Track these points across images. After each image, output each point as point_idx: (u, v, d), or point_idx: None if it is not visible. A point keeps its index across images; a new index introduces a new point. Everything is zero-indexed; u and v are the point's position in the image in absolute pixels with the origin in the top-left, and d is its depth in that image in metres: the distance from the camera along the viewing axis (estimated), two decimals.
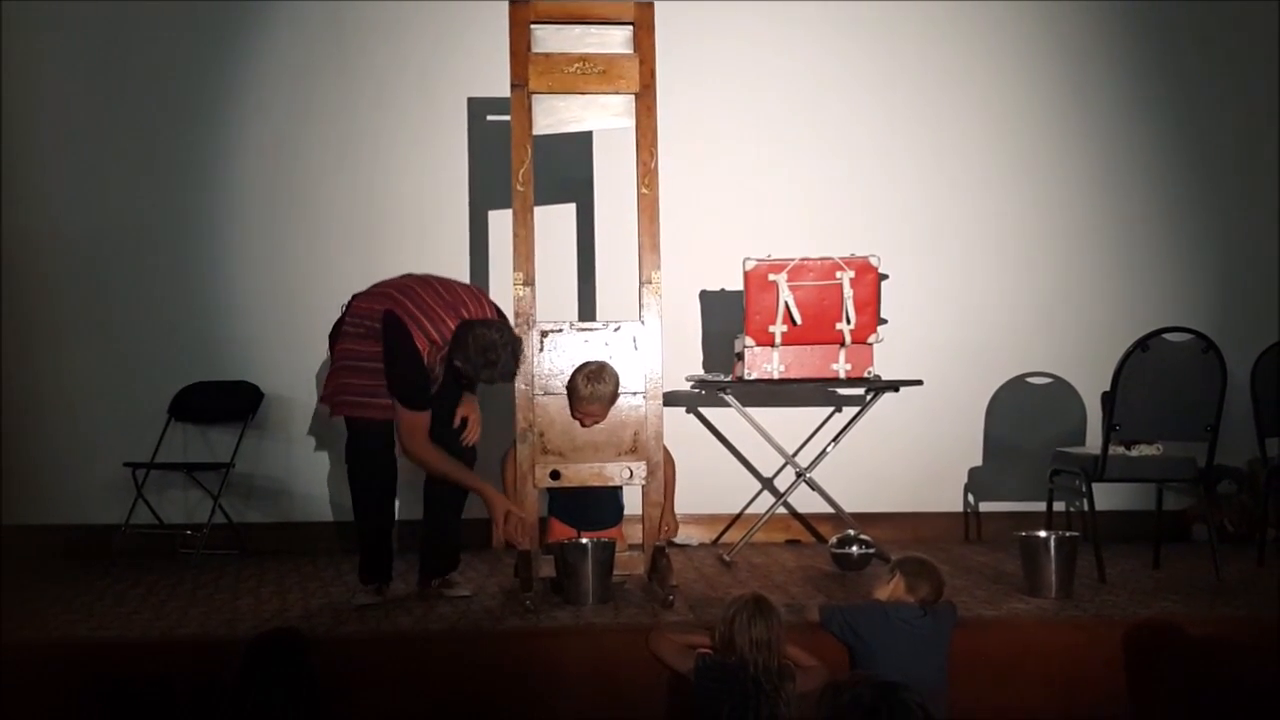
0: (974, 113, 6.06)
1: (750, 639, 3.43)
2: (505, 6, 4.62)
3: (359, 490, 4.45)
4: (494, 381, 4.36)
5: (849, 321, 5.22)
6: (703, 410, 5.87)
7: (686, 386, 5.61)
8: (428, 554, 4.59)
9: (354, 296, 4.47)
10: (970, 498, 6.03)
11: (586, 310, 5.79)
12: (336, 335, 4.49)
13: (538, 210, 4.60)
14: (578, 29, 4.65)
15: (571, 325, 4.63)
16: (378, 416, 4.36)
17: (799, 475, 5.43)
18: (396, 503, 4.55)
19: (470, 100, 5.84)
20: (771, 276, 5.20)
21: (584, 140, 5.76)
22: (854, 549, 4.95)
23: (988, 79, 6.07)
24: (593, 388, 4.43)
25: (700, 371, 5.79)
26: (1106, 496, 5.11)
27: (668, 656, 3.66)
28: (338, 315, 4.52)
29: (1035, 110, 6.08)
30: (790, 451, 5.56)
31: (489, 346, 4.26)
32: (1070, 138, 6.09)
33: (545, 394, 4.54)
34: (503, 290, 4.73)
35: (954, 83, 6.05)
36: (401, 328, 4.29)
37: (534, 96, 4.60)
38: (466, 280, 4.98)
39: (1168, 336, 4.70)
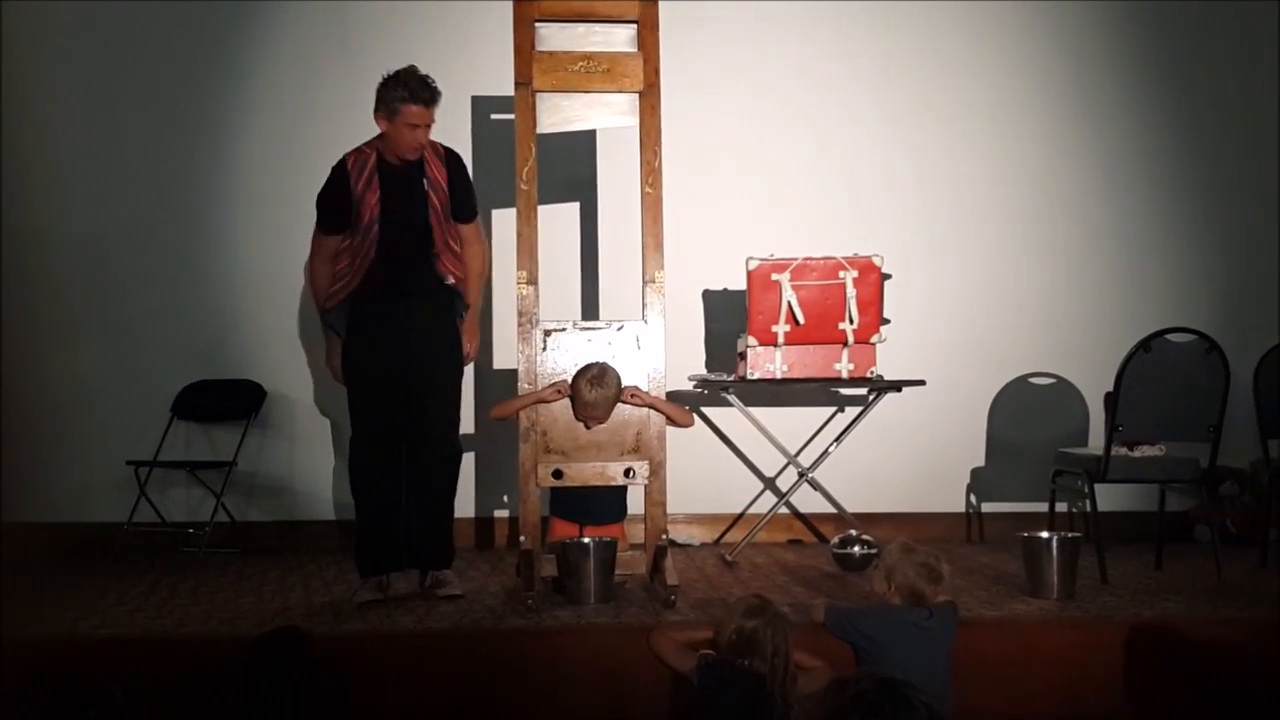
0: (977, 113, 6.06)
1: (772, 649, 3.43)
2: (510, 4, 4.63)
3: (353, 471, 4.43)
4: (408, 102, 4.25)
5: (852, 321, 5.22)
6: (705, 410, 5.86)
7: (689, 386, 5.61)
8: (414, 547, 4.52)
9: None
10: (972, 498, 6.03)
11: (590, 309, 5.79)
12: None
13: (541, 209, 4.61)
14: (582, 27, 4.65)
15: (575, 324, 4.63)
16: (349, 284, 4.39)
17: (801, 475, 5.43)
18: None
19: (474, 98, 5.84)
20: (774, 276, 5.20)
21: (588, 139, 5.76)
22: (856, 549, 4.95)
23: (990, 79, 6.07)
24: (596, 391, 4.43)
25: (703, 371, 5.79)
26: (1109, 497, 5.11)
27: (669, 656, 3.66)
28: None
29: (1038, 110, 6.08)
30: (792, 451, 5.56)
31: (393, 74, 4.31)
32: (1073, 138, 6.09)
33: None
34: (506, 288, 4.73)
35: (957, 82, 6.05)
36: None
37: (538, 95, 4.60)
38: None
39: (1171, 337, 4.70)
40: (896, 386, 5.33)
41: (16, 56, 5.73)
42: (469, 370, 4.76)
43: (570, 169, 5.75)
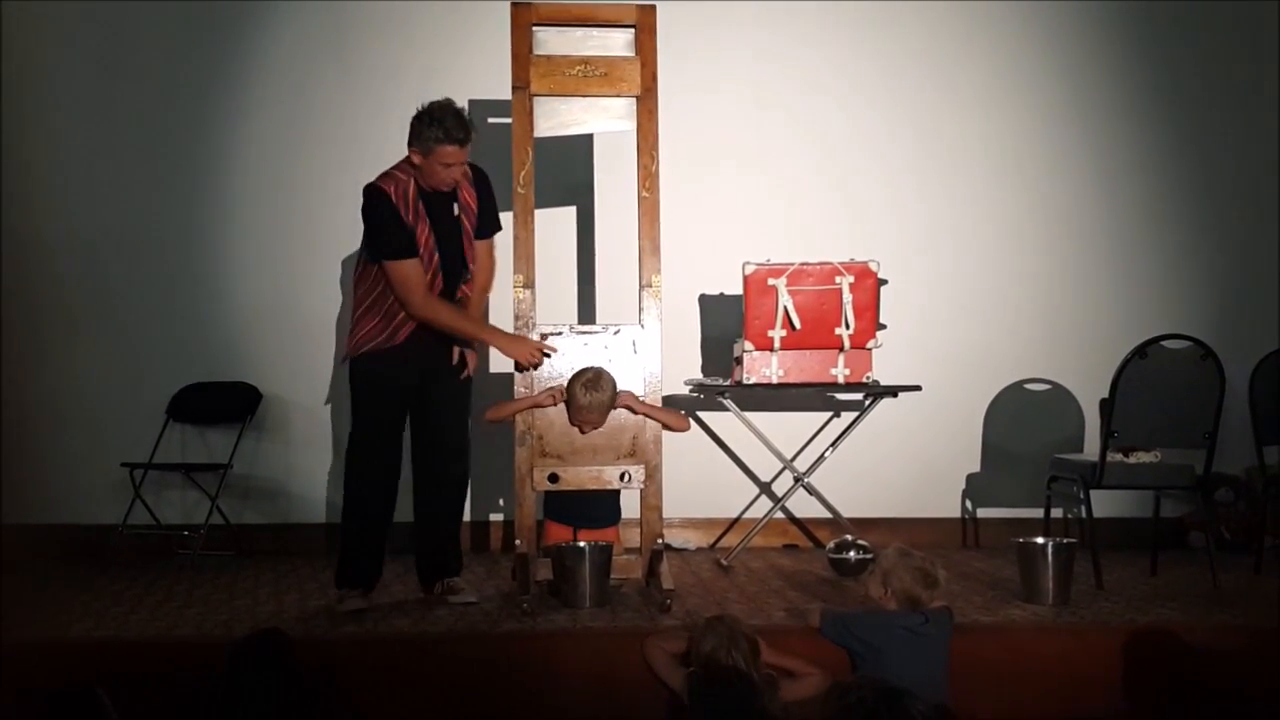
0: (973, 118, 6.06)
1: (731, 664, 3.46)
2: (507, 8, 4.63)
3: (353, 479, 4.39)
4: (444, 142, 4.21)
5: (848, 326, 5.22)
6: (701, 414, 5.86)
7: (685, 390, 5.61)
8: (425, 555, 4.53)
9: None
10: (968, 504, 6.03)
11: (586, 313, 5.78)
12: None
13: (538, 213, 4.60)
14: (579, 31, 4.65)
15: (571, 328, 4.63)
16: (381, 344, 4.31)
17: (797, 480, 5.43)
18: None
19: (471, 102, 5.82)
20: (771, 281, 5.20)
21: (585, 143, 5.75)
22: (851, 554, 4.95)
23: (986, 85, 6.07)
24: (591, 396, 4.42)
25: (699, 375, 5.79)
26: (1104, 503, 5.11)
27: (660, 670, 3.66)
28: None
29: (1034, 116, 6.08)
30: (788, 456, 5.56)
31: (428, 109, 4.25)
32: (1068, 144, 6.09)
33: None
34: (503, 292, 4.73)
35: (953, 89, 6.05)
36: (372, 186, 4.31)
37: (535, 99, 4.60)
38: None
39: (1166, 344, 4.71)
40: (892, 392, 5.33)
41: (16, 57, 5.73)
42: None
43: (567, 173, 5.75)
